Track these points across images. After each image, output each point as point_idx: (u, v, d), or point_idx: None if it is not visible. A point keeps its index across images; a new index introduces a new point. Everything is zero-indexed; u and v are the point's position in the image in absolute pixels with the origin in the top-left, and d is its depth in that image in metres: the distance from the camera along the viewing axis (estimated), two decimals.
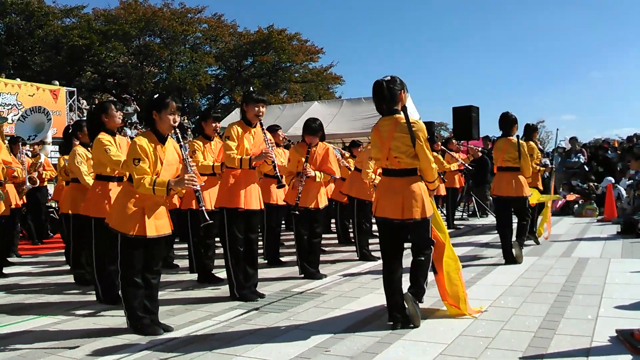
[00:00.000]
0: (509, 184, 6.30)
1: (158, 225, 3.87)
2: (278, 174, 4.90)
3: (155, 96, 3.97)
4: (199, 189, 3.86)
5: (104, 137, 4.67)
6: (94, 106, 15.14)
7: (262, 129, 4.89)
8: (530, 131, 7.79)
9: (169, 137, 3.91)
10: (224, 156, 4.83)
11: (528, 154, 6.57)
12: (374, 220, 4.25)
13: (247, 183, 4.78)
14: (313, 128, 5.71)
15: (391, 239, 3.91)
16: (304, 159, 5.65)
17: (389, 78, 3.86)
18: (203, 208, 3.91)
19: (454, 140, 11.27)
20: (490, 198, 10.33)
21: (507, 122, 6.49)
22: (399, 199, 3.79)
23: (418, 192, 3.80)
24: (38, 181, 8.20)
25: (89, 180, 5.27)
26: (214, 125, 5.70)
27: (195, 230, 5.78)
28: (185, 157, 3.87)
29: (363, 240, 6.94)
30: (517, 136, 6.49)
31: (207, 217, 3.89)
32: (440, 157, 9.86)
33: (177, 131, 3.90)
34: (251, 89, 5.05)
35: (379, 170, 6.09)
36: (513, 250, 6.12)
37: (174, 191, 3.84)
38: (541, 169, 8.00)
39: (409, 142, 3.76)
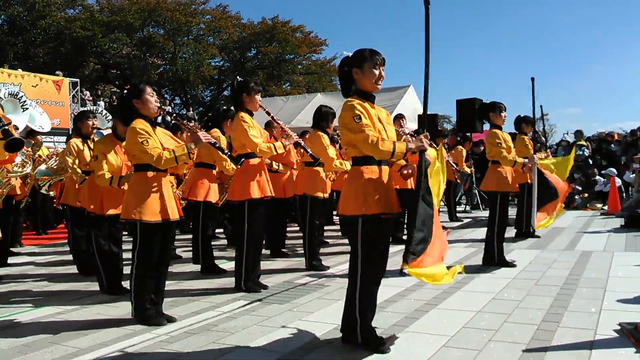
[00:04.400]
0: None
1: (173, 209, 3.94)
2: (310, 151, 5.35)
3: (127, 90, 4.13)
4: (215, 141, 4.13)
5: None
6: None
7: (271, 116, 5.04)
8: (519, 122, 7.34)
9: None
10: (250, 145, 4.65)
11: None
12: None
13: (264, 171, 4.85)
14: None
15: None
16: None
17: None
18: (228, 153, 4.43)
19: (468, 141, 11.20)
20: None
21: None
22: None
23: None
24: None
25: (75, 170, 5.39)
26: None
27: (206, 222, 5.80)
28: (187, 124, 4.08)
29: None
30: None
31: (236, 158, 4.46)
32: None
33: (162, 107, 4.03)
34: (244, 79, 4.99)
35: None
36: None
37: (192, 152, 3.91)
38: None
39: None
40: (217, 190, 5.84)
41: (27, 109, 11.19)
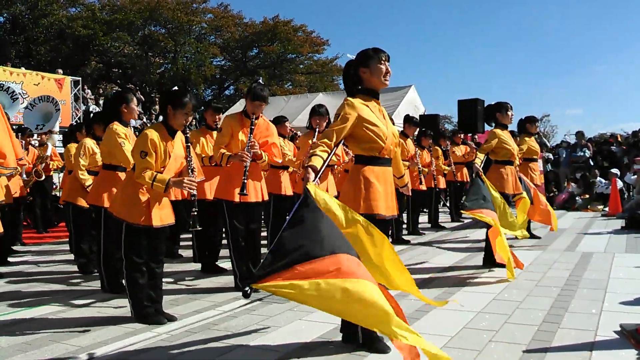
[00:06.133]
0: None
1: (162, 215, 3.91)
2: (245, 180, 4.55)
3: (174, 89, 4.04)
4: (195, 193, 3.86)
5: (118, 128, 4.54)
6: (111, 94, 15.09)
7: (252, 124, 4.69)
8: (524, 123, 7.35)
9: (179, 131, 3.92)
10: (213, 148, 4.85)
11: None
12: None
13: (237, 174, 4.65)
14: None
15: None
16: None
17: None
18: (195, 213, 3.91)
19: (460, 135, 11.16)
20: None
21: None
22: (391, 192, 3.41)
23: None
24: (43, 175, 8.23)
25: (83, 175, 5.46)
26: (214, 116, 5.76)
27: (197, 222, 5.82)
28: (190, 158, 3.89)
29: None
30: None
31: (197, 225, 3.92)
32: (439, 150, 9.73)
33: (187, 130, 3.94)
34: (260, 81, 5.00)
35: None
36: None
37: (171, 189, 3.88)
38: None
39: None
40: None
41: (16, 98, 11.28)
